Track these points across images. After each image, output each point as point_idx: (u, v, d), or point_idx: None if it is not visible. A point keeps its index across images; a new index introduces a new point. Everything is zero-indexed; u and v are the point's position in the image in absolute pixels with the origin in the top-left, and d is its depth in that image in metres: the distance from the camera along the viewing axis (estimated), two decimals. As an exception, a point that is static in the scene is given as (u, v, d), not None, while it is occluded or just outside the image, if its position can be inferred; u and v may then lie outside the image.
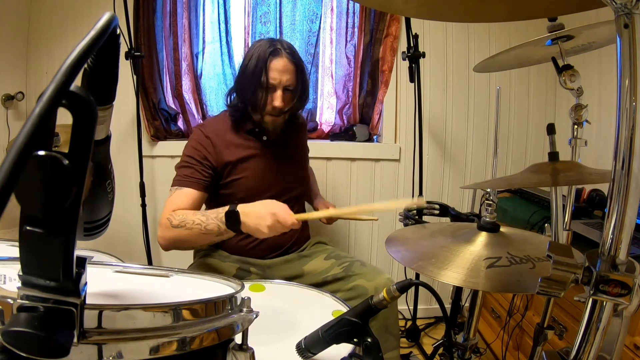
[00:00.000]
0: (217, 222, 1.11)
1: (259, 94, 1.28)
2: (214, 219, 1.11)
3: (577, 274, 0.46)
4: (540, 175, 0.86)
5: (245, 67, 1.30)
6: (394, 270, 2.21)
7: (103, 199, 0.54)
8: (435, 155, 2.18)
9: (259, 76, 1.26)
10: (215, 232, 1.11)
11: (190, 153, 1.29)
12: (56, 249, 0.32)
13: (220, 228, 1.10)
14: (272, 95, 1.29)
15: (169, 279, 0.67)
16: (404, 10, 0.75)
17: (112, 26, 0.34)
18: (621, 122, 0.44)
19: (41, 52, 1.91)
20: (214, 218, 1.11)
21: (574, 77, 0.88)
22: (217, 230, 1.11)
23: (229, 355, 0.53)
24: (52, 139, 0.31)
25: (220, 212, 1.11)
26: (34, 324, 0.33)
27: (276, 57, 1.27)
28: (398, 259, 0.73)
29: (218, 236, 1.13)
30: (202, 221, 1.12)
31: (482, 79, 2.14)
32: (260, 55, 1.27)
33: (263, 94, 1.28)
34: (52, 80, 0.29)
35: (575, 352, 0.48)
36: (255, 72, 1.26)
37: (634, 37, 0.43)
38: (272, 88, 1.28)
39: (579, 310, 1.13)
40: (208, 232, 1.11)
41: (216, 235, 1.12)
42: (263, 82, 1.26)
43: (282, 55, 1.28)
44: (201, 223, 1.11)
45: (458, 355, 0.94)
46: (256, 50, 1.29)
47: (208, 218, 1.12)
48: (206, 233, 1.11)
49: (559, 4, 0.66)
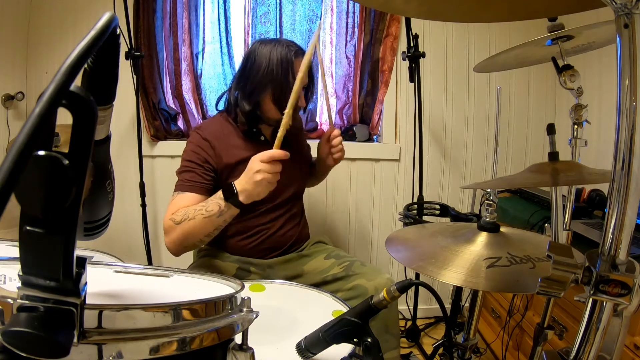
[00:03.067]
0: (216, 200, 1.12)
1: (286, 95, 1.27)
2: (212, 199, 1.14)
3: (577, 274, 0.46)
4: (540, 175, 0.86)
5: (265, 70, 1.26)
6: (394, 270, 2.21)
7: (103, 199, 0.54)
8: (435, 155, 2.18)
9: (286, 78, 1.25)
10: (217, 211, 1.11)
11: (189, 157, 1.28)
12: (56, 249, 0.32)
13: (221, 206, 1.11)
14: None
15: (169, 279, 0.66)
16: (404, 10, 0.75)
17: (112, 26, 0.34)
18: (621, 122, 0.44)
19: (41, 52, 1.91)
20: (213, 198, 1.14)
21: (574, 77, 0.89)
22: (218, 209, 1.11)
23: (229, 355, 0.53)
24: (52, 139, 0.31)
25: (218, 192, 1.14)
26: (34, 324, 0.33)
27: (298, 59, 1.28)
28: (398, 259, 0.73)
29: (221, 216, 1.12)
30: (202, 206, 1.13)
31: (482, 79, 2.14)
32: (283, 57, 1.26)
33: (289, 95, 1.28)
34: (52, 80, 0.29)
35: (575, 352, 0.48)
36: (280, 75, 1.25)
37: (634, 37, 0.43)
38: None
39: (579, 310, 1.13)
40: (210, 214, 1.12)
41: (218, 215, 1.12)
42: (292, 84, 1.26)
43: (301, 57, 1.28)
44: (202, 208, 1.13)
45: (458, 355, 0.94)
46: (275, 53, 1.27)
47: (208, 202, 1.14)
48: (209, 216, 1.12)
49: (559, 4, 0.66)
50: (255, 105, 1.31)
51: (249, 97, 1.30)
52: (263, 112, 1.32)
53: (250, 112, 1.31)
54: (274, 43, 1.29)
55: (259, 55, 1.28)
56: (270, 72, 1.26)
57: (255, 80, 1.28)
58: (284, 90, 1.25)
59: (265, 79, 1.27)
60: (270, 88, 1.27)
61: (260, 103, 1.31)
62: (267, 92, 1.28)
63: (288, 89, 1.26)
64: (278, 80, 1.26)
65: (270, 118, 1.33)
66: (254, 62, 1.28)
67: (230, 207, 1.11)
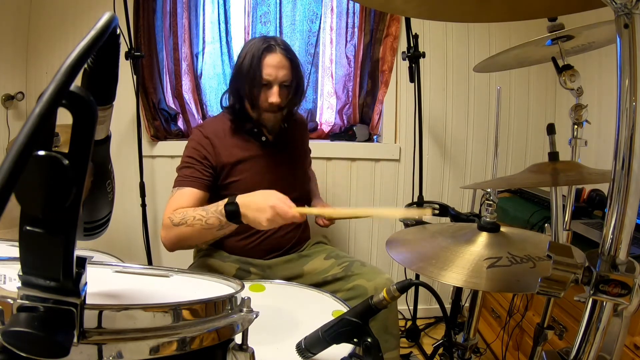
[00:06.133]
0: (217, 215, 1.09)
1: (255, 91, 1.28)
2: (213, 212, 1.10)
3: (577, 274, 0.46)
4: (540, 175, 0.86)
5: (240, 65, 1.29)
6: (394, 270, 2.21)
7: (103, 199, 0.54)
8: (435, 155, 2.18)
9: (254, 73, 1.26)
10: (217, 226, 1.09)
11: (190, 154, 1.29)
12: (56, 249, 0.32)
13: (221, 221, 1.09)
14: (269, 92, 1.28)
15: (169, 279, 0.66)
16: (404, 10, 0.75)
17: (112, 26, 0.34)
18: (621, 122, 0.44)
19: (41, 52, 1.91)
20: (214, 212, 1.10)
21: (574, 77, 0.89)
22: (218, 224, 1.09)
23: (229, 355, 0.53)
24: (52, 139, 0.31)
25: (220, 205, 1.10)
26: (33, 324, 0.33)
27: (270, 53, 1.27)
28: (399, 260, 0.73)
29: (220, 230, 1.11)
30: (202, 216, 1.11)
31: (482, 79, 2.14)
32: (254, 53, 1.26)
33: (259, 91, 1.28)
34: (52, 80, 0.29)
35: (575, 352, 0.48)
36: (250, 70, 1.26)
37: (634, 37, 0.43)
38: (268, 84, 1.28)
39: (579, 310, 1.13)
40: (209, 227, 1.10)
41: (217, 229, 1.10)
42: (258, 78, 1.26)
43: (277, 51, 1.28)
44: (202, 218, 1.10)
45: (458, 355, 0.94)
46: (250, 48, 1.29)
47: (208, 212, 1.11)
48: (207, 228, 1.10)
49: (559, 4, 0.66)
50: (239, 102, 1.33)
51: (233, 94, 1.35)
52: (244, 108, 1.34)
53: (237, 109, 1.34)
54: (258, 39, 1.31)
55: (241, 51, 1.32)
56: (243, 67, 1.28)
57: (234, 76, 1.32)
58: (252, 84, 1.27)
59: (240, 74, 1.29)
60: (244, 83, 1.28)
61: (242, 99, 1.32)
62: (243, 88, 1.29)
63: (254, 84, 1.27)
64: (248, 75, 1.27)
65: (250, 115, 1.34)
66: (237, 59, 1.33)
67: (230, 225, 1.10)
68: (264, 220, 1.03)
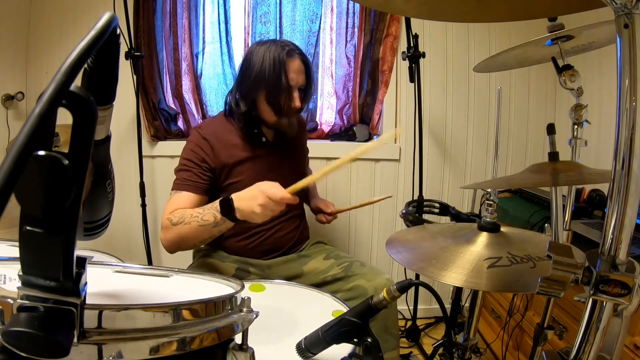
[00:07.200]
0: (212, 211, 1.11)
1: (281, 97, 1.27)
2: (209, 208, 1.12)
3: (577, 274, 0.46)
4: (540, 175, 0.86)
5: (258, 70, 1.27)
6: (393, 270, 2.21)
7: (103, 199, 0.54)
8: (435, 155, 2.18)
9: (278, 79, 1.25)
10: (212, 222, 1.10)
11: (188, 156, 1.28)
12: (56, 249, 0.32)
13: (217, 217, 1.10)
14: (291, 97, 1.29)
15: (169, 279, 0.66)
16: (404, 10, 0.75)
17: (112, 26, 0.34)
18: (621, 122, 0.44)
19: (41, 52, 1.91)
20: (210, 208, 1.12)
21: (574, 77, 0.88)
22: (213, 220, 1.10)
23: (229, 355, 0.53)
24: (52, 139, 0.31)
25: (215, 202, 1.12)
26: (34, 324, 0.33)
27: (291, 58, 1.27)
28: (399, 260, 0.73)
29: (216, 227, 1.11)
30: (199, 213, 1.12)
31: (482, 79, 2.14)
32: (275, 58, 1.25)
33: (284, 96, 1.28)
34: (52, 80, 0.29)
35: (575, 352, 0.48)
36: (273, 75, 1.25)
37: (634, 37, 0.43)
38: (289, 89, 1.28)
39: (579, 310, 1.13)
40: (206, 224, 1.11)
41: (214, 225, 1.11)
42: (284, 84, 1.26)
43: (296, 57, 1.28)
44: (198, 215, 1.12)
45: (458, 355, 0.94)
46: (268, 54, 1.27)
47: (204, 209, 1.13)
48: (203, 225, 1.11)
49: (559, 4, 0.66)
50: (251, 106, 1.32)
51: (245, 98, 1.32)
52: (259, 112, 1.33)
53: (247, 113, 1.32)
54: (270, 43, 1.30)
55: (255, 55, 1.29)
56: (264, 73, 1.26)
57: (250, 81, 1.29)
58: (277, 90, 1.26)
59: (258, 79, 1.27)
60: (264, 89, 1.27)
61: (256, 104, 1.31)
62: (261, 93, 1.29)
63: (280, 90, 1.26)
64: (271, 80, 1.26)
65: (266, 119, 1.33)
66: (249, 63, 1.29)
67: (225, 221, 1.10)
68: (256, 207, 1.04)
